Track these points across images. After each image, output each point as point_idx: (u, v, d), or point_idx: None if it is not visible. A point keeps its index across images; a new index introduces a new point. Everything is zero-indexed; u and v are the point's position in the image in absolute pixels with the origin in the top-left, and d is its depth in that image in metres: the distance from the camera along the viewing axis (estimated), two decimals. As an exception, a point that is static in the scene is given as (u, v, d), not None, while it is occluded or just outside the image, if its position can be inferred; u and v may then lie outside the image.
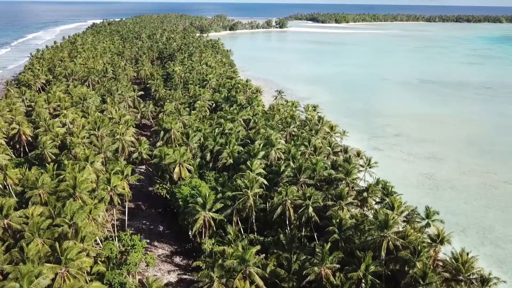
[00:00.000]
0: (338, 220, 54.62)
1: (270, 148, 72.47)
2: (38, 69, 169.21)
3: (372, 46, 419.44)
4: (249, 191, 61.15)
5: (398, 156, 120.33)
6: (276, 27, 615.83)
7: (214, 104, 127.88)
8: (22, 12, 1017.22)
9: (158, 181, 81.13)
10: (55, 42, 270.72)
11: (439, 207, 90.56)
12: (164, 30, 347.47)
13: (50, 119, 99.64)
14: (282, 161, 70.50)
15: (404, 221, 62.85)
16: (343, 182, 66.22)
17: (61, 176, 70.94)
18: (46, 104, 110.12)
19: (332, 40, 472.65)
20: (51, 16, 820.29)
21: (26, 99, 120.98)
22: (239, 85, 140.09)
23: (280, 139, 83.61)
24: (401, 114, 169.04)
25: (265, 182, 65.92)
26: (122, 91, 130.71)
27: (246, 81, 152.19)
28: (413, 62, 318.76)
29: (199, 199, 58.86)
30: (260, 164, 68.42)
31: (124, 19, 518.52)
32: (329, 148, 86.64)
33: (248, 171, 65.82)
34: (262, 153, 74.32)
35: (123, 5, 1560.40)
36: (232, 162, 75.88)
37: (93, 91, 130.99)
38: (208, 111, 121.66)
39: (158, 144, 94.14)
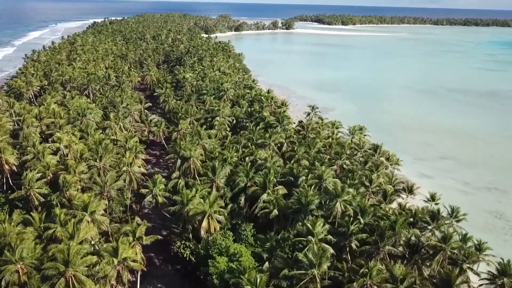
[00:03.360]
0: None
1: (334, 200, 54.01)
2: (32, 74, 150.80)
3: (383, 50, 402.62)
4: (315, 271, 43.01)
5: (452, 185, 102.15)
6: (282, 28, 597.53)
7: (234, 120, 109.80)
8: (26, 9, 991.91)
9: (177, 230, 62.92)
10: (53, 43, 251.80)
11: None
12: (169, 31, 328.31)
13: (41, 142, 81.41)
14: (349, 218, 52.25)
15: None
16: (440, 252, 47.97)
17: (50, 231, 53.00)
18: (37, 121, 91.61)
19: (340, 43, 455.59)
20: (55, 14, 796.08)
21: (14, 112, 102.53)
22: (261, 97, 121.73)
23: (334, 176, 65.24)
24: (436, 128, 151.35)
25: (332, 251, 47.79)
26: (127, 104, 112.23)
27: (268, 92, 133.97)
28: (431, 68, 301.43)
29: (247, 287, 40.66)
30: (324, 225, 49.91)
31: (126, 18, 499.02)
32: (390, 186, 68.43)
33: (309, 236, 47.45)
34: (317, 201, 56.09)
35: (124, 4, 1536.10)
36: (277, 213, 57.46)
37: (94, 104, 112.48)
38: (228, 128, 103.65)
39: (174, 175, 76.02)
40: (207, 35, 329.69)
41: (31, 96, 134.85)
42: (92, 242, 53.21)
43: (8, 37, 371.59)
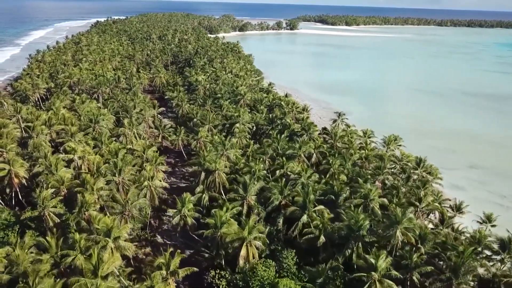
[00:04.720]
0: None
1: (394, 226, 47.70)
2: (38, 75, 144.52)
3: (388, 51, 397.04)
4: (384, 316, 36.86)
5: (487, 198, 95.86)
6: (286, 29, 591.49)
7: (254, 127, 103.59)
8: (26, 8, 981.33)
9: (208, 255, 56.68)
10: (57, 42, 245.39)
11: None
12: (176, 31, 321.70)
13: (53, 152, 75.17)
14: (411, 247, 46.08)
15: None
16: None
17: (69, 259, 46.89)
18: (47, 128, 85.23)
19: (346, 44, 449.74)
20: (56, 13, 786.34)
21: (21, 117, 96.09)
22: (281, 102, 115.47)
23: (379, 193, 58.85)
24: (456, 134, 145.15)
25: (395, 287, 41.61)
26: (141, 109, 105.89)
27: (286, 95, 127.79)
28: (440, 70, 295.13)
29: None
30: (387, 257, 43.64)
31: (129, 17, 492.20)
32: (437, 205, 62.19)
33: (372, 272, 41.20)
34: (367, 226, 49.89)
35: (125, 3, 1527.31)
36: (324, 240, 51.12)
37: (105, 109, 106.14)
38: (248, 136, 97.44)
39: (198, 189, 69.89)
40: (214, 35, 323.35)
41: (37, 99, 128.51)
42: (117, 273, 47.08)
43: (12, 36, 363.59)
